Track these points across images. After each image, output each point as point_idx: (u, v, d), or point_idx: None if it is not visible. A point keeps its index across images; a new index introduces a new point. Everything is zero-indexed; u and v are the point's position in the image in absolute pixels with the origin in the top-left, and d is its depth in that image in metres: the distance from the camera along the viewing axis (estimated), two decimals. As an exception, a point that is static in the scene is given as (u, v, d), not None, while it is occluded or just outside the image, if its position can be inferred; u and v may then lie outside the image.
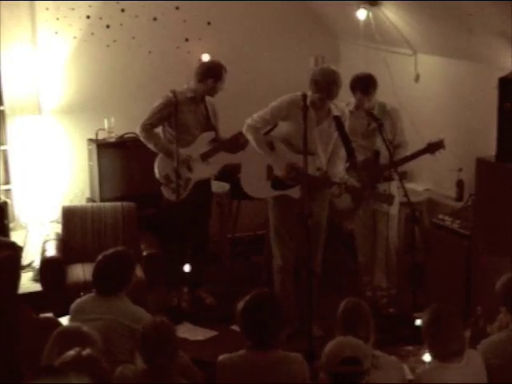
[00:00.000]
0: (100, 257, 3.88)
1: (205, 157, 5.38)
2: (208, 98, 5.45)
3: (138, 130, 5.36)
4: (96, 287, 3.82)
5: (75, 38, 6.10)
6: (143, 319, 3.52)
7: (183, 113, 5.27)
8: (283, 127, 4.84)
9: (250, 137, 4.86)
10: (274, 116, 4.81)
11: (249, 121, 4.85)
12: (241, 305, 3.38)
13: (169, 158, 5.24)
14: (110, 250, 3.92)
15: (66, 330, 3.11)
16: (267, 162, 4.86)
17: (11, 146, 5.93)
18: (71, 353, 2.75)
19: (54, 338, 3.02)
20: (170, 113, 5.19)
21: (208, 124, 5.45)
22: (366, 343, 3.19)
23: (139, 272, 5.02)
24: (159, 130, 5.39)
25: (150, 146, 5.33)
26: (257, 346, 3.33)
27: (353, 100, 5.23)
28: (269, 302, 3.42)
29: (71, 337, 3.00)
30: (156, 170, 5.37)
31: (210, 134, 5.43)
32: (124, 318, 3.65)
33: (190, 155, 5.32)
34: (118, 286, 3.78)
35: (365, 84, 5.12)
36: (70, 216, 5.59)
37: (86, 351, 2.77)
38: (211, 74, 5.31)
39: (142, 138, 5.36)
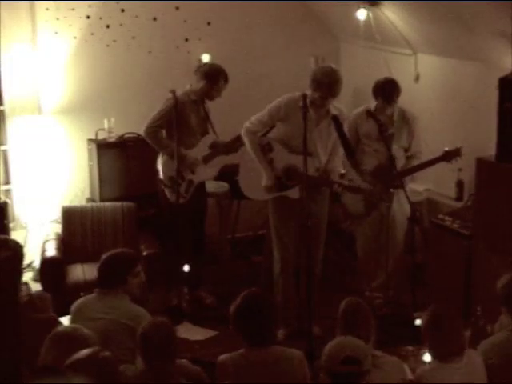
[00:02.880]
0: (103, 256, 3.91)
1: (207, 160, 5.37)
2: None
3: (143, 133, 5.27)
4: (97, 285, 3.84)
5: (75, 38, 6.10)
6: (143, 318, 3.52)
7: (188, 115, 5.26)
8: (281, 128, 4.82)
9: (246, 140, 4.84)
10: (272, 117, 4.78)
11: (247, 124, 4.83)
12: (232, 308, 3.38)
13: (177, 160, 5.18)
14: (115, 250, 3.95)
15: (61, 332, 3.10)
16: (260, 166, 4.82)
17: (11, 146, 5.93)
18: (85, 351, 2.75)
19: (50, 340, 3.02)
20: (176, 114, 5.14)
21: (206, 126, 5.44)
22: (367, 343, 3.20)
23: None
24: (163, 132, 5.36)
25: (158, 148, 5.28)
26: (255, 344, 3.33)
27: (372, 105, 5.17)
28: (258, 300, 3.41)
29: (66, 339, 3.00)
30: (161, 172, 5.34)
31: (210, 137, 5.43)
32: (124, 318, 3.65)
33: (198, 158, 5.31)
34: (113, 283, 3.77)
35: (389, 92, 5.05)
36: (70, 216, 5.60)
37: (104, 353, 2.76)
38: (206, 75, 5.29)
39: (149, 141, 5.28)
